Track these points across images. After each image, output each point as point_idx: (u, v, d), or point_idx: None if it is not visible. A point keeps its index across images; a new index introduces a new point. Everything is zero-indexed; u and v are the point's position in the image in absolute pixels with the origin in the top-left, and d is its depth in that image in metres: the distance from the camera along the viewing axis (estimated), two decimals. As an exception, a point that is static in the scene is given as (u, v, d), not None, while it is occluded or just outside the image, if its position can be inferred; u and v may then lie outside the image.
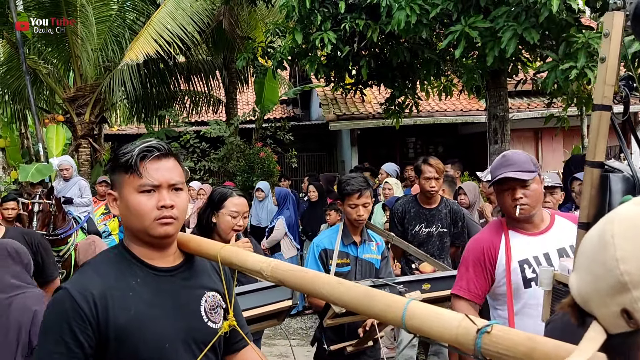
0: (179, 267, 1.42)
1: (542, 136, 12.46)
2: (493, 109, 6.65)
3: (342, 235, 2.84)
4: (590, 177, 1.32)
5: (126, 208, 1.35)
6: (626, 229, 0.62)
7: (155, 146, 1.36)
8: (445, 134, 13.44)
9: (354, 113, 11.46)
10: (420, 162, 3.83)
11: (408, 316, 0.87)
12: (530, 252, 2.12)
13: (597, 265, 0.64)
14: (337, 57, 6.80)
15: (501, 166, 2.13)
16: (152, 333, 1.29)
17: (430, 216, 3.81)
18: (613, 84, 1.32)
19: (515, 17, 5.01)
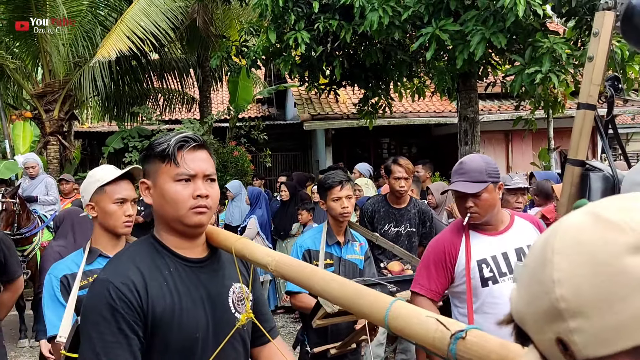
0: (207, 259, 1.44)
1: (512, 138, 12.71)
2: (464, 111, 6.77)
3: (327, 234, 2.83)
4: (570, 175, 1.32)
5: (161, 196, 1.36)
6: (568, 245, 0.52)
7: (192, 137, 1.39)
8: (418, 134, 13.59)
9: (328, 113, 11.50)
10: (390, 162, 3.88)
11: (391, 316, 0.87)
12: (488, 252, 2.18)
13: (535, 283, 0.55)
14: (311, 57, 6.83)
15: (456, 174, 2.21)
16: (184, 323, 1.31)
17: (399, 216, 3.86)
18: (599, 83, 1.31)
19: (484, 21, 5.11)
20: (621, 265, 0.48)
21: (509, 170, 12.42)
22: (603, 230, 0.51)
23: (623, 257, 0.48)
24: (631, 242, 0.48)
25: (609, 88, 1.34)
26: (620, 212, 0.51)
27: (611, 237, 0.50)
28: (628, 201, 0.53)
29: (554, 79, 4.83)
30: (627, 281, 0.47)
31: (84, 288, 1.99)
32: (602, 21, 1.30)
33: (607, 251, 0.49)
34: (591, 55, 1.29)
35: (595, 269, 0.50)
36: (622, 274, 0.48)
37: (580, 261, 0.51)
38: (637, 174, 1.10)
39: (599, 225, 0.52)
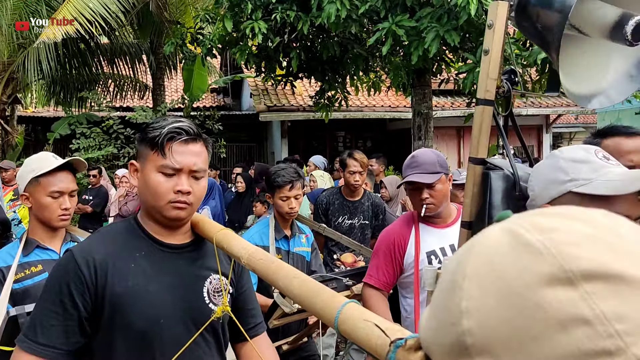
0: (186, 246, 1.41)
1: (463, 134, 13.03)
2: (418, 106, 6.88)
3: (274, 229, 2.80)
4: (472, 174, 1.26)
5: (144, 183, 1.35)
6: (481, 269, 0.44)
7: (185, 129, 1.34)
8: (373, 129, 13.74)
9: (284, 105, 11.45)
10: (346, 155, 3.92)
11: (340, 319, 0.85)
12: (437, 244, 2.25)
13: (442, 310, 0.46)
14: (267, 48, 6.77)
15: (409, 167, 2.24)
16: (147, 306, 1.29)
17: (353, 208, 3.91)
18: (496, 77, 1.26)
19: (438, 19, 5.21)
20: (536, 298, 0.40)
21: (460, 165, 12.75)
22: (520, 255, 0.42)
23: (538, 289, 0.40)
24: (548, 271, 0.40)
25: (505, 82, 1.30)
26: (541, 234, 0.42)
27: (528, 264, 0.41)
28: (550, 218, 0.44)
29: (504, 77, 4.98)
30: (543, 318, 0.39)
31: (22, 280, 1.91)
32: (496, 12, 1.24)
33: (523, 280, 0.41)
34: (487, 48, 1.24)
35: (507, 300, 0.41)
36: (537, 308, 0.39)
37: (492, 289, 0.42)
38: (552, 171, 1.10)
39: (518, 247, 0.43)
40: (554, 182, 1.10)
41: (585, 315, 0.38)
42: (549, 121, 13.82)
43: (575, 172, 1.07)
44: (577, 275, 0.39)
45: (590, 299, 0.39)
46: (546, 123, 13.79)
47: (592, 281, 0.39)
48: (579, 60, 1.20)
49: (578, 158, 1.09)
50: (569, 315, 0.38)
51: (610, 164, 1.07)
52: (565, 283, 0.39)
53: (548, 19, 1.19)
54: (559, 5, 1.16)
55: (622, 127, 1.70)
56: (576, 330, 0.38)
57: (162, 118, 1.40)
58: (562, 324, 0.38)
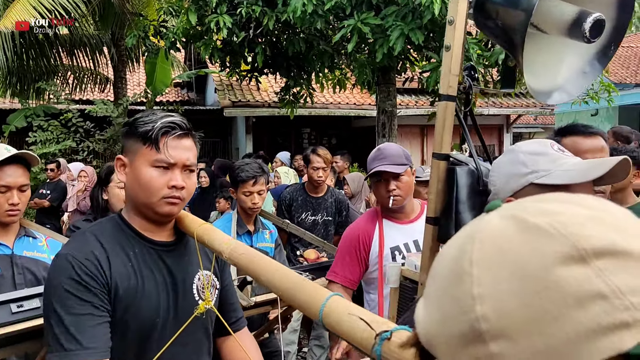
0: (175, 243, 1.39)
1: (427, 133, 13.22)
2: (382, 104, 6.94)
3: (237, 224, 2.79)
4: (437, 170, 1.27)
5: (135, 179, 1.31)
6: (490, 255, 0.44)
7: (179, 123, 1.33)
8: (339, 126, 13.78)
9: (249, 100, 11.37)
10: (309, 152, 3.93)
11: (325, 312, 0.84)
12: (400, 239, 2.27)
13: (449, 300, 0.46)
14: (232, 43, 6.70)
15: (376, 159, 2.25)
16: (145, 306, 1.27)
17: (316, 205, 3.92)
18: (457, 73, 1.27)
19: (403, 17, 5.26)
20: (553, 278, 0.41)
21: (424, 163, 12.93)
22: (530, 238, 0.43)
23: (555, 269, 0.41)
24: (563, 250, 0.41)
25: (466, 78, 1.31)
26: (547, 217, 0.44)
27: (541, 246, 0.42)
28: (550, 203, 0.46)
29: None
30: (560, 297, 0.40)
31: None
32: (456, 8, 1.24)
33: (537, 262, 0.42)
34: (448, 44, 1.25)
35: (523, 282, 0.42)
36: (554, 288, 0.40)
37: (505, 274, 0.43)
38: (512, 165, 1.13)
39: (526, 231, 0.44)
40: (515, 175, 1.13)
41: (602, 291, 0.40)
42: (509, 121, 14.17)
43: (534, 164, 1.10)
44: (589, 253, 0.41)
45: (603, 274, 0.40)
46: (507, 123, 14.13)
47: (602, 258, 0.41)
48: (535, 57, 1.23)
49: (536, 151, 1.13)
50: (586, 291, 0.40)
51: (566, 155, 1.11)
52: (578, 261, 0.41)
53: (509, 17, 1.21)
54: (520, 4, 1.18)
55: (581, 126, 1.76)
56: (594, 306, 0.39)
57: (151, 112, 1.38)
58: (580, 301, 0.40)
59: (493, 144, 13.77)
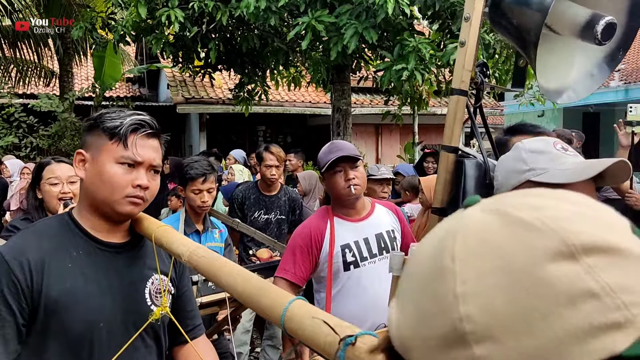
0: (127, 244, 1.33)
1: (381, 131, 13.38)
2: (337, 103, 6.95)
3: (184, 223, 2.73)
4: (445, 162, 1.30)
5: (97, 174, 1.25)
6: (473, 250, 0.42)
7: (148, 122, 1.30)
8: (294, 124, 13.75)
9: (203, 97, 11.18)
10: (262, 149, 3.88)
11: (287, 317, 0.82)
12: (351, 237, 2.26)
13: (428, 299, 0.43)
14: (185, 37, 6.55)
15: (330, 152, 2.24)
16: (85, 310, 1.20)
17: (269, 203, 3.87)
18: (471, 69, 1.29)
19: (357, 16, 5.28)
20: (542, 274, 0.38)
21: (378, 161, 13.07)
22: (517, 232, 0.41)
23: (543, 265, 0.38)
24: (552, 245, 0.39)
25: (479, 74, 1.35)
26: (533, 211, 0.42)
27: (529, 240, 0.40)
28: (534, 198, 0.44)
29: (419, 76, 5.14)
30: (550, 294, 0.38)
31: None
32: (473, 5, 1.29)
33: (525, 257, 0.39)
34: (463, 40, 1.28)
35: (510, 278, 0.39)
36: (543, 285, 0.38)
37: (490, 270, 0.40)
38: (514, 161, 1.16)
39: (511, 225, 0.42)
40: (515, 171, 1.15)
41: (593, 289, 0.38)
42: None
43: (533, 162, 1.13)
44: (578, 249, 0.39)
45: (593, 272, 0.38)
46: (458, 122, 14.46)
47: (592, 255, 0.39)
48: (547, 57, 1.27)
49: (537, 149, 1.14)
50: (577, 289, 0.38)
51: (568, 154, 1.13)
52: (568, 257, 0.39)
53: (524, 17, 1.24)
54: (535, 4, 1.21)
55: (530, 125, 1.81)
56: (585, 305, 0.37)
57: (119, 109, 1.33)
58: (571, 299, 0.38)
59: (445, 143, 14.06)
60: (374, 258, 2.28)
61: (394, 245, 2.34)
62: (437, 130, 14.16)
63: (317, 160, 2.32)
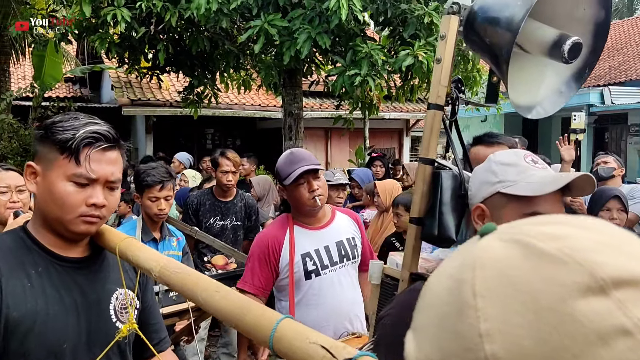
0: (88, 259, 1.24)
1: (331, 135, 13.46)
2: (289, 107, 6.94)
3: (142, 231, 2.65)
4: (423, 174, 1.34)
5: (48, 192, 1.15)
6: (494, 285, 0.40)
7: (104, 134, 1.18)
8: (243, 127, 13.62)
9: (150, 99, 10.87)
10: (218, 155, 3.81)
11: (276, 338, 0.78)
12: (312, 245, 2.25)
13: (449, 336, 0.41)
14: (131, 38, 6.35)
15: (293, 163, 2.21)
16: (49, 331, 1.12)
17: (225, 209, 3.81)
18: (447, 84, 1.35)
19: (310, 21, 5.29)
20: (571, 311, 0.36)
21: (327, 165, 13.14)
22: (541, 265, 0.39)
23: (572, 301, 0.37)
24: (580, 280, 0.37)
25: (454, 90, 1.40)
26: (554, 241, 0.40)
27: (554, 275, 0.38)
28: (553, 226, 0.42)
29: (371, 82, 5.21)
30: (581, 333, 0.36)
31: None
32: (448, 25, 1.35)
33: (552, 293, 0.37)
34: (439, 57, 1.34)
35: (538, 317, 0.37)
36: (573, 323, 0.36)
37: (516, 307, 0.38)
38: (485, 173, 1.19)
39: (534, 258, 0.39)
40: (486, 183, 1.18)
41: (625, 325, 0.36)
42: (409, 125, 14.82)
43: (503, 174, 1.15)
44: (608, 283, 0.37)
45: (625, 307, 0.36)
46: (406, 127, 14.78)
47: (621, 288, 0.37)
48: (518, 75, 1.32)
49: (507, 162, 1.17)
50: (609, 326, 0.36)
51: (537, 167, 1.16)
52: (598, 292, 0.37)
53: (496, 36, 1.29)
54: (505, 25, 1.26)
55: (487, 136, 1.88)
56: (617, 343, 0.36)
57: (72, 116, 1.21)
58: (603, 337, 0.36)
59: (394, 147, 14.33)
60: (335, 266, 2.28)
61: (354, 252, 2.36)
62: (386, 135, 14.42)
63: (277, 171, 2.28)
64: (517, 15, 1.24)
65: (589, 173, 1.12)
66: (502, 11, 1.29)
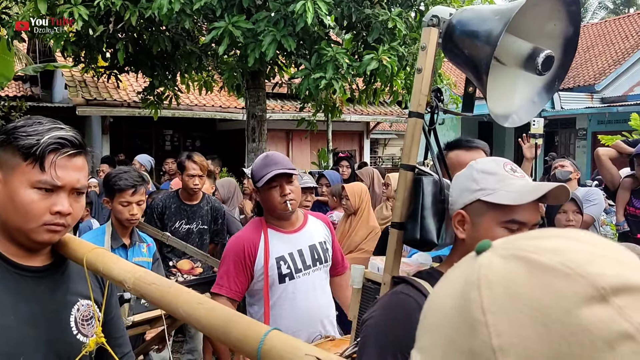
0: (49, 268, 1.18)
1: (292, 137, 13.46)
2: (252, 109, 6.90)
3: (111, 238, 2.59)
4: (404, 180, 1.38)
5: (10, 199, 1.11)
6: (503, 301, 0.41)
7: (70, 139, 1.14)
8: (203, 128, 13.45)
9: (106, 99, 10.58)
10: (184, 158, 3.74)
11: (264, 351, 0.77)
12: (286, 249, 2.26)
13: (461, 354, 0.42)
14: (89, 36, 6.17)
15: (267, 166, 2.22)
16: (4, 343, 1.07)
17: (191, 213, 3.76)
18: (427, 93, 1.40)
19: (275, 24, 5.29)
20: (578, 321, 0.39)
21: (288, 167, 13.11)
22: (545, 279, 0.41)
23: (578, 312, 0.39)
24: (583, 291, 0.40)
25: (433, 99, 1.44)
26: (555, 255, 0.42)
27: (559, 288, 0.40)
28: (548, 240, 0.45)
29: (336, 85, 5.25)
30: (589, 341, 0.38)
31: None
32: (428, 36, 1.40)
33: (559, 305, 0.40)
34: (420, 67, 1.39)
35: (548, 329, 0.39)
36: (581, 332, 0.39)
37: (525, 321, 0.40)
38: (466, 180, 1.22)
39: (537, 272, 0.42)
40: (467, 190, 1.21)
41: (627, 330, 0.39)
42: (369, 128, 14.99)
43: (484, 182, 1.19)
44: (608, 291, 0.40)
45: (625, 313, 0.39)
46: (367, 129, 14.94)
47: (620, 295, 0.40)
48: (493, 84, 1.35)
49: (487, 170, 1.20)
50: (613, 332, 0.39)
51: (515, 176, 1.20)
52: (600, 301, 0.39)
53: (475, 49, 1.34)
54: (484, 38, 1.31)
55: (465, 140, 1.92)
56: (622, 347, 0.38)
57: (36, 120, 1.15)
58: (609, 343, 0.38)
59: (354, 149, 14.46)
60: (308, 270, 2.29)
61: (326, 256, 2.37)
62: (347, 137, 14.53)
63: (251, 173, 2.29)
64: (495, 29, 1.29)
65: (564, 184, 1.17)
66: (481, 25, 1.34)
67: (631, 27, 17.68)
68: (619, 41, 17.27)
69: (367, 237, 3.63)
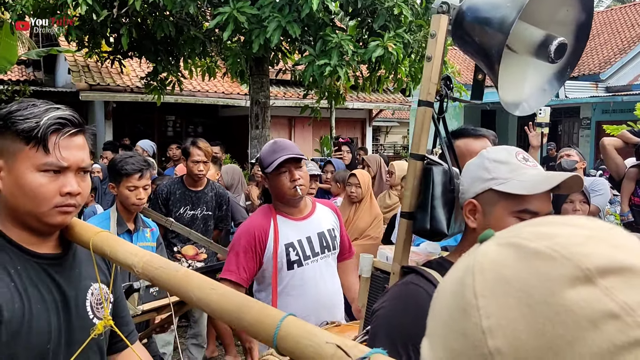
0: (63, 255, 1.19)
1: (294, 124, 13.44)
2: (255, 95, 6.88)
3: (116, 223, 2.61)
4: (414, 169, 1.36)
5: (17, 186, 1.10)
6: (492, 285, 0.43)
7: (69, 119, 1.13)
8: (205, 114, 13.42)
9: (109, 84, 10.56)
10: (189, 144, 3.74)
11: (280, 336, 0.76)
12: (295, 236, 2.27)
13: (456, 336, 0.45)
14: (92, 21, 6.14)
15: (275, 152, 2.21)
16: (35, 332, 1.07)
17: (196, 199, 3.76)
18: (437, 82, 1.37)
19: (280, 9, 5.25)
20: (562, 302, 0.40)
21: (291, 154, 13.10)
22: (532, 263, 0.43)
23: (563, 292, 0.40)
24: (568, 272, 0.41)
25: (443, 87, 1.42)
26: (545, 240, 0.44)
27: (544, 270, 0.42)
28: (546, 226, 0.46)
29: (341, 72, 5.23)
30: (573, 321, 0.39)
31: None
32: (438, 24, 1.38)
33: (543, 287, 0.41)
34: (429, 55, 1.37)
35: (534, 311, 0.41)
36: (565, 312, 0.40)
37: (512, 303, 0.42)
38: (478, 169, 1.22)
39: (526, 257, 0.43)
40: (479, 179, 1.20)
41: (612, 309, 0.39)
42: (371, 115, 14.95)
43: (496, 171, 1.18)
44: (593, 272, 0.41)
45: (611, 293, 0.40)
46: (369, 117, 14.90)
47: (606, 276, 0.41)
48: (503, 72, 1.33)
49: (500, 159, 1.20)
50: (597, 311, 0.39)
51: (527, 165, 1.19)
52: (584, 282, 0.40)
53: (486, 36, 1.32)
54: (496, 25, 1.29)
55: (471, 129, 1.91)
56: (607, 326, 0.39)
57: (29, 103, 1.14)
58: (593, 322, 0.39)
59: (357, 136, 14.43)
60: (317, 257, 2.30)
61: (334, 243, 2.38)
62: (349, 124, 14.50)
63: (260, 159, 2.29)
64: (508, 16, 1.28)
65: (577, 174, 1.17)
66: (492, 12, 1.32)
67: (637, 15, 17.53)
68: (624, 30, 17.13)
69: (371, 223, 3.64)
